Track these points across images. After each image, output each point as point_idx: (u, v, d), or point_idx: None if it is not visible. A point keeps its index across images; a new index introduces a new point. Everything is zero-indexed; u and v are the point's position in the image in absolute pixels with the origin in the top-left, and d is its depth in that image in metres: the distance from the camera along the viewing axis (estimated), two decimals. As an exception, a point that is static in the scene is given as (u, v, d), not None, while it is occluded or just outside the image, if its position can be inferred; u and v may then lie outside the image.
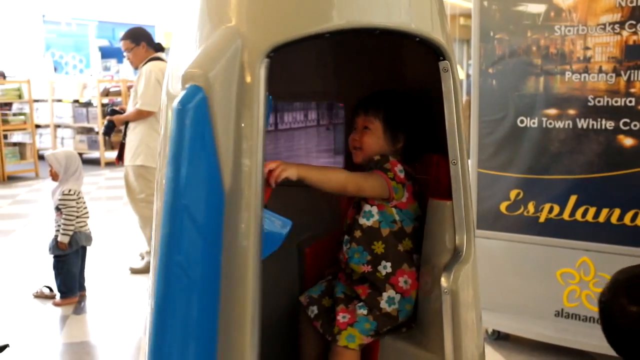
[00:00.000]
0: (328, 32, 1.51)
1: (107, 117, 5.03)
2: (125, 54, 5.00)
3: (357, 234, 1.95)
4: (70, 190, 4.12)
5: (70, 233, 4.11)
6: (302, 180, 1.78)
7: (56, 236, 4.13)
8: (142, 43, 4.93)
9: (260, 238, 1.49)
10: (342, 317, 1.92)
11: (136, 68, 5.02)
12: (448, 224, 1.78)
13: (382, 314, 1.91)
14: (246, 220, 1.46)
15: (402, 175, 1.90)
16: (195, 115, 1.39)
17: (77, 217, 4.14)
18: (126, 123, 4.97)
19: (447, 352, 1.75)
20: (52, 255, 4.21)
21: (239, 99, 1.46)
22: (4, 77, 11.27)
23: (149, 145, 4.83)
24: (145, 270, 4.86)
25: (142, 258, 5.09)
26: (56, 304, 4.21)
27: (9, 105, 10.61)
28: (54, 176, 4.20)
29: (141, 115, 4.86)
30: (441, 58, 1.68)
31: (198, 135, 1.40)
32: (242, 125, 1.46)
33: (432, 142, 1.96)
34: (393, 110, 2.01)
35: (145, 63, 4.90)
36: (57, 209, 4.13)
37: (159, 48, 5.05)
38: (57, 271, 4.19)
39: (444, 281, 1.73)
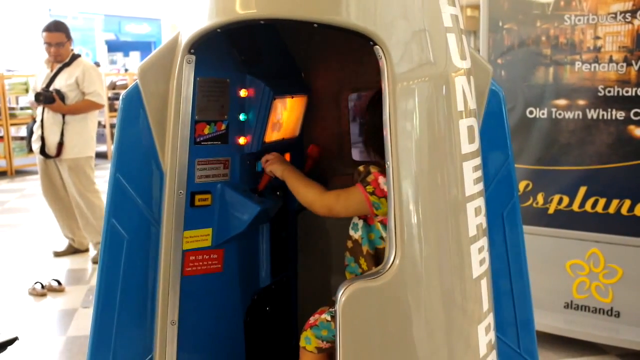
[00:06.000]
0: (219, 27, 1.61)
1: (47, 93, 4.79)
2: (54, 47, 4.85)
3: (349, 244, 1.87)
4: None
5: None
6: (284, 181, 1.90)
7: None
8: (71, 39, 4.96)
9: (179, 214, 1.78)
10: (312, 318, 1.91)
11: (60, 62, 4.92)
12: None
13: None
14: (167, 197, 1.77)
15: (385, 188, 1.68)
16: (129, 103, 1.75)
17: None
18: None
19: None
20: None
21: (169, 93, 1.73)
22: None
23: (92, 136, 5.05)
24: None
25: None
26: None
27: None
28: None
29: (95, 107, 4.96)
30: (371, 43, 1.51)
31: (131, 120, 1.74)
32: (169, 115, 1.74)
33: None
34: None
35: (73, 58, 4.92)
36: None
37: None
38: None
39: (338, 293, 1.54)
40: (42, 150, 4.89)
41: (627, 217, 3.12)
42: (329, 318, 1.86)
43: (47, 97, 4.78)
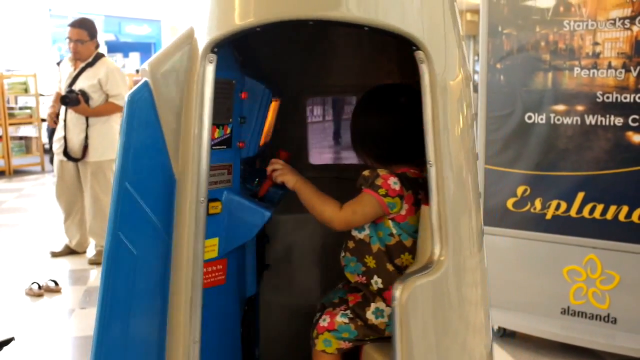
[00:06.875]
0: (259, 25, 1.54)
1: (72, 95, 4.74)
2: (73, 43, 4.80)
3: (350, 244, 1.89)
4: None
5: None
6: (296, 192, 1.85)
7: None
8: (95, 39, 4.90)
9: (200, 223, 1.61)
10: (322, 321, 1.90)
11: (81, 60, 4.87)
12: (428, 232, 1.65)
13: (367, 325, 1.85)
14: (187, 205, 1.60)
15: (397, 187, 1.77)
16: (137, 104, 1.60)
17: None
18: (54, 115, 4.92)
19: None
20: None
21: (187, 93, 1.60)
22: None
23: (116, 138, 4.92)
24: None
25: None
26: None
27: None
28: None
29: (119, 110, 4.89)
30: (414, 48, 1.57)
31: (140, 122, 1.60)
32: (186, 116, 1.60)
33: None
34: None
35: (97, 58, 4.87)
36: None
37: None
38: None
39: (396, 292, 1.58)
40: (65, 152, 4.85)
41: (625, 224, 3.12)
42: (346, 320, 1.86)
43: (73, 100, 4.73)
